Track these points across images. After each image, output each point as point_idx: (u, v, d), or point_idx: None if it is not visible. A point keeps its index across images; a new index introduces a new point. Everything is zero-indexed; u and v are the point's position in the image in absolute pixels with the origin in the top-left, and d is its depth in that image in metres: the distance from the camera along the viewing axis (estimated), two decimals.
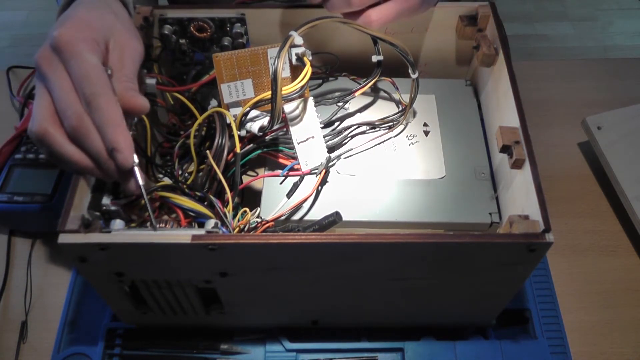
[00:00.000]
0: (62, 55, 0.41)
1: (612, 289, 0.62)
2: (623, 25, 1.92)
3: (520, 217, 0.45)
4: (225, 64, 0.51)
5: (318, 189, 0.52)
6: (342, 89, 0.59)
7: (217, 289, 0.48)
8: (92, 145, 0.41)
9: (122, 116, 0.41)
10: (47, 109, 0.41)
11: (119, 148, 0.41)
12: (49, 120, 0.41)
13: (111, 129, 0.40)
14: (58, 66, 0.41)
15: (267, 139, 0.54)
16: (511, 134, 0.49)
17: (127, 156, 0.41)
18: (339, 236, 0.42)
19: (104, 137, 0.41)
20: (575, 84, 0.81)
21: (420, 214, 0.51)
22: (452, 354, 0.55)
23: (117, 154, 0.41)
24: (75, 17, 0.43)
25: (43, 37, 0.42)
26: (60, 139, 0.41)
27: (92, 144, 0.41)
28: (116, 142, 0.40)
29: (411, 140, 0.56)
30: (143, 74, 0.53)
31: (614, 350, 0.58)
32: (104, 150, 0.41)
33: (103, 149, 0.41)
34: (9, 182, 0.61)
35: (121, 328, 0.57)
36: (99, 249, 0.42)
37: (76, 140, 0.41)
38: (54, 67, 0.41)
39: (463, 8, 0.58)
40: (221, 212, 0.49)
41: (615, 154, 0.67)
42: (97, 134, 0.41)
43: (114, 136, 0.40)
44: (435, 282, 0.48)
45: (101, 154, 0.41)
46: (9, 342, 0.58)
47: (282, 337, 0.56)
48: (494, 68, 0.56)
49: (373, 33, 0.51)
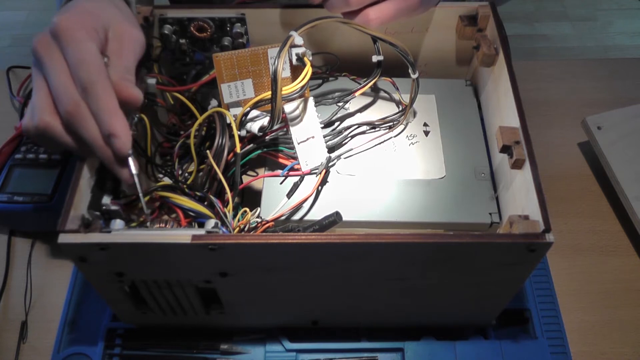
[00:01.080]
0: (60, 41, 0.41)
1: (612, 289, 0.62)
2: (623, 25, 1.92)
3: (520, 217, 0.45)
4: (225, 64, 0.51)
5: (318, 189, 0.52)
6: (342, 89, 0.59)
7: (217, 289, 0.48)
8: (88, 131, 0.41)
9: (117, 103, 0.41)
10: (45, 100, 0.41)
11: (116, 134, 0.40)
12: (48, 111, 0.41)
13: (107, 115, 0.40)
14: (55, 52, 0.41)
15: (267, 139, 0.54)
16: (511, 134, 0.49)
17: (125, 142, 0.41)
18: (339, 236, 0.42)
19: (101, 123, 0.40)
20: (575, 84, 0.81)
21: (420, 214, 0.51)
22: (452, 354, 0.55)
23: (114, 140, 0.41)
24: (77, 6, 0.43)
25: None
26: (60, 129, 0.41)
27: (87, 130, 0.40)
28: (113, 127, 0.40)
29: (411, 140, 0.56)
30: (143, 73, 0.53)
31: (614, 350, 0.58)
32: (100, 137, 0.41)
33: (99, 136, 0.41)
34: (9, 182, 0.61)
35: (121, 328, 0.57)
36: (99, 249, 0.42)
37: (71, 126, 0.41)
38: (51, 52, 0.41)
39: (463, 8, 0.58)
40: (221, 212, 0.49)
41: (615, 154, 0.67)
42: (93, 120, 0.40)
43: (110, 122, 0.40)
44: (435, 282, 0.48)
45: (97, 141, 0.41)
46: (9, 342, 0.58)
47: (282, 337, 0.56)
48: (494, 68, 0.56)
49: (373, 33, 0.51)
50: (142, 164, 0.54)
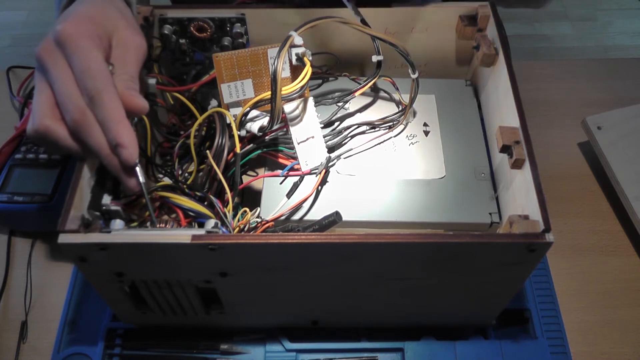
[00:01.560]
0: (65, 50, 0.41)
1: (612, 289, 0.62)
2: (623, 25, 1.92)
3: (520, 217, 0.45)
4: (225, 64, 0.51)
5: (318, 189, 0.52)
6: (342, 89, 0.59)
7: (217, 289, 0.48)
8: (94, 140, 0.41)
9: (124, 113, 0.41)
10: (47, 104, 0.41)
11: (123, 144, 0.41)
12: (49, 115, 0.41)
13: (115, 124, 0.40)
14: (60, 60, 0.41)
15: (267, 139, 0.54)
16: (511, 134, 0.49)
17: (132, 152, 0.41)
18: (339, 236, 0.42)
19: (108, 132, 0.40)
20: (575, 84, 0.81)
21: (420, 214, 0.51)
22: (452, 354, 0.55)
23: (121, 150, 0.41)
24: (79, 13, 0.43)
25: (43, 37, 0.42)
26: (63, 133, 0.41)
27: (94, 139, 0.41)
28: (121, 137, 0.40)
29: (411, 140, 0.56)
30: (143, 73, 0.53)
31: (614, 350, 0.58)
32: (106, 146, 0.41)
33: (105, 145, 0.41)
34: (9, 182, 0.61)
35: (121, 328, 0.57)
36: (99, 249, 0.42)
37: (77, 134, 0.41)
38: (56, 60, 0.41)
39: (463, 8, 0.58)
40: (221, 212, 0.49)
41: (615, 154, 0.67)
42: (99, 129, 0.41)
43: (117, 132, 0.40)
44: (435, 282, 0.48)
45: (103, 149, 0.41)
46: (9, 342, 0.58)
47: (282, 337, 0.56)
48: (494, 68, 0.56)
49: (373, 33, 0.51)
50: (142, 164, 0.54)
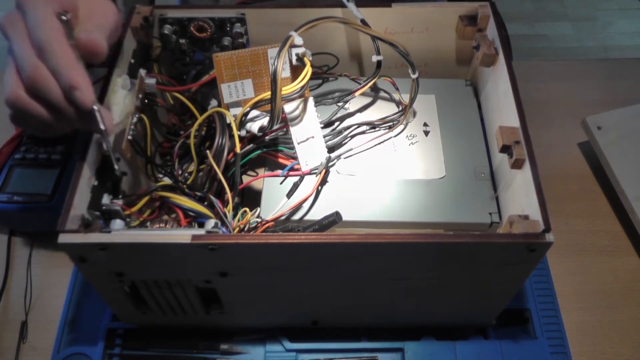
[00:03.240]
0: (22, 12, 0.41)
1: (612, 289, 0.62)
2: (623, 25, 1.92)
3: (520, 217, 0.45)
4: (225, 64, 0.51)
5: (318, 189, 0.52)
6: (342, 89, 0.59)
7: (217, 289, 0.48)
8: (50, 91, 0.40)
9: (77, 58, 0.40)
10: (15, 74, 0.40)
11: (76, 86, 0.39)
12: (16, 82, 0.40)
13: (65, 69, 0.39)
14: (18, 23, 0.41)
15: (267, 139, 0.54)
16: (511, 134, 0.49)
17: (86, 94, 0.40)
18: (339, 236, 0.42)
19: (60, 79, 0.40)
20: (575, 84, 0.81)
21: (420, 214, 0.51)
22: (452, 354, 0.55)
23: (75, 93, 0.40)
24: None
25: None
26: (27, 99, 0.40)
27: (50, 90, 0.40)
28: (73, 80, 0.39)
29: (411, 140, 0.56)
30: (143, 74, 0.53)
31: (614, 350, 0.58)
32: (62, 96, 0.40)
33: (61, 95, 0.40)
34: (9, 182, 0.61)
35: (121, 328, 0.57)
36: (99, 249, 0.42)
37: (36, 92, 0.40)
38: (14, 24, 0.41)
39: (463, 8, 0.58)
40: (221, 212, 0.49)
41: (615, 154, 0.67)
42: (54, 80, 0.40)
43: (69, 75, 0.39)
44: (435, 282, 0.48)
45: (60, 100, 0.40)
46: (9, 342, 0.58)
47: (282, 337, 0.56)
48: (494, 68, 0.56)
49: (373, 33, 0.51)
50: (142, 164, 0.54)
